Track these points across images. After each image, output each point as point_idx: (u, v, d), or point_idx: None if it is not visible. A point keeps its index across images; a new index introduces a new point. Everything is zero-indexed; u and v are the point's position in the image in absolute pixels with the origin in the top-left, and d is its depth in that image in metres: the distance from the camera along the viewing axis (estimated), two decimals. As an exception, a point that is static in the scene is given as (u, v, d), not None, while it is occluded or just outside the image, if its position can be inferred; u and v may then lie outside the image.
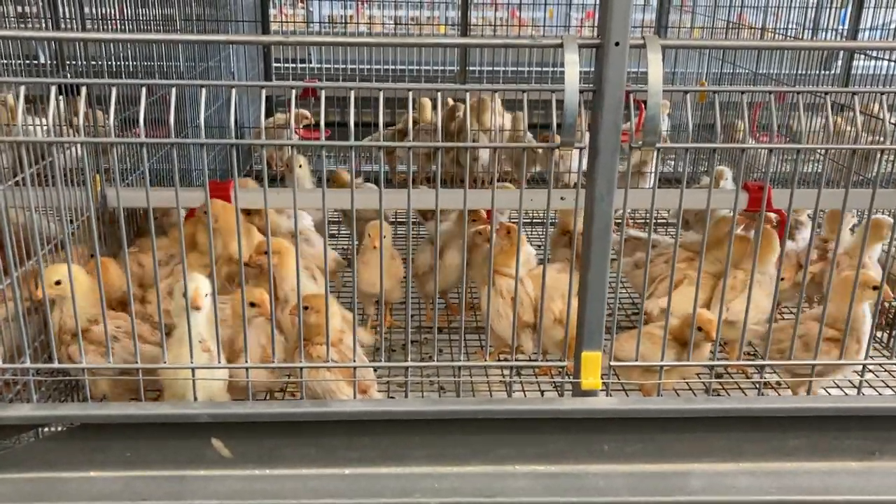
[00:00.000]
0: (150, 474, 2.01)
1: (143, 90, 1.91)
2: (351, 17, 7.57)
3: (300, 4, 7.31)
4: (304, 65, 6.55)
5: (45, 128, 1.87)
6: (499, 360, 3.07)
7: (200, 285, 2.15)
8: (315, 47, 6.53)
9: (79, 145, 2.03)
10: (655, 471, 2.12)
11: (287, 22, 6.68)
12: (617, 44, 1.81)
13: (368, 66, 6.26)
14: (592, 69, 1.92)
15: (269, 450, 2.05)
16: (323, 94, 2.12)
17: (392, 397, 2.67)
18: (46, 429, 2.07)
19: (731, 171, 4.18)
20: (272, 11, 6.05)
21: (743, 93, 2.03)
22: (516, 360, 2.23)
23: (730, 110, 4.64)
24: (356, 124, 1.95)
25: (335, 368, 2.34)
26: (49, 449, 2.04)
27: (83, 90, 1.90)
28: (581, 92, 1.81)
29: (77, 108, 1.91)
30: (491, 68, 6.36)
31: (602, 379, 2.09)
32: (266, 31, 5.88)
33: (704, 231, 2.14)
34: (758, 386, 2.29)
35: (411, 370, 2.19)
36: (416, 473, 2.07)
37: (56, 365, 2.15)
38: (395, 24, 7.23)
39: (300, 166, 4.06)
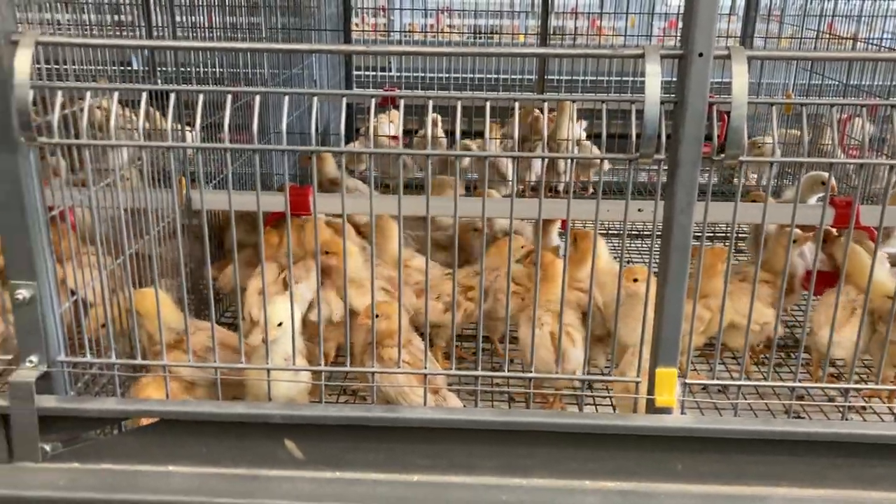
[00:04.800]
0: (225, 472, 2.05)
1: (229, 97, 1.97)
2: (431, 25, 7.65)
3: (381, 13, 7.41)
4: (383, 73, 6.64)
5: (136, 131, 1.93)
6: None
7: (273, 315, 2.20)
8: (395, 56, 6.62)
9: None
10: (731, 493, 2.05)
11: (367, 31, 6.78)
12: (701, 54, 1.77)
13: (447, 75, 6.31)
14: (674, 79, 1.88)
15: (339, 453, 2.08)
16: (402, 103, 2.15)
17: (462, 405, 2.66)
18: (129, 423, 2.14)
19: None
20: (354, 20, 6.16)
21: (832, 106, 1.96)
22: (589, 373, 2.20)
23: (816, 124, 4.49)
24: (449, 133, 1.96)
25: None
26: (131, 442, 2.11)
27: (172, 96, 1.97)
28: (662, 103, 1.78)
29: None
30: (570, 77, 6.32)
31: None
32: (347, 40, 5.99)
33: (787, 251, 2.07)
34: (842, 410, 2.20)
35: (481, 379, 2.19)
36: (484, 484, 2.06)
37: (138, 361, 2.22)
38: (475, 33, 7.27)
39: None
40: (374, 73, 6.63)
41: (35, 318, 2.03)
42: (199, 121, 1.94)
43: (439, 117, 4.80)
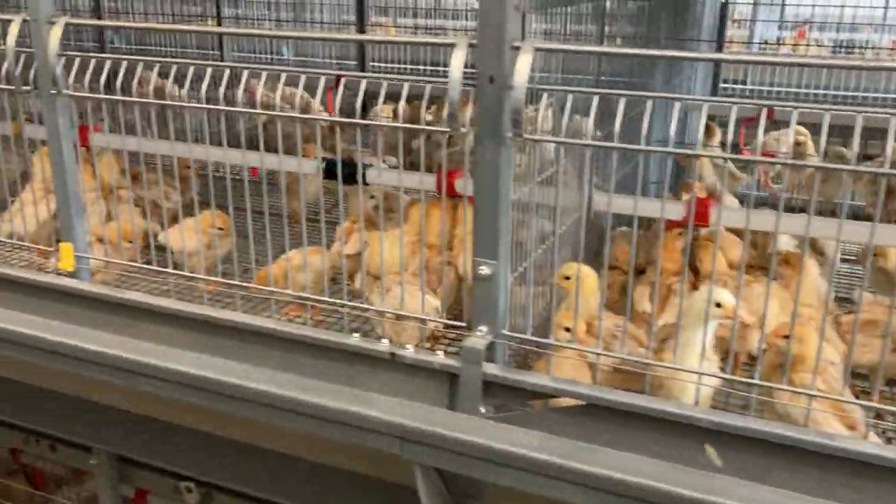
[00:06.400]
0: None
1: (621, 101, 2.11)
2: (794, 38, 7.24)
3: (739, 25, 7.15)
4: (742, 86, 6.42)
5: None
6: None
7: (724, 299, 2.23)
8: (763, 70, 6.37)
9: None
10: None
11: (732, 42, 6.57)
12: None
13: (815, 91, 5.94)
14: None
15: (762, 468, 2.07)
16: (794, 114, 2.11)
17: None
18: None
19: None
20: (729, 32, 6.03)
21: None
22: None
23: None
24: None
25: (819, 398, 2.29)
26: (556, 419, 2.29)
27: (569, 97, 2.14)
28: None
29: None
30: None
31: None
32: (720, 50, 5.88)
33: None
34: None
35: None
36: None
37: (564, 344, 2.39)
38: (841, 47, 6.75)
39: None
40: (739, 85, 6.43)
41: (491, 294, 2.28)
42: (591, 123, 2.10)
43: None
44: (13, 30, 2.62)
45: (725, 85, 6.26)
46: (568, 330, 2.33)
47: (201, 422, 2.80)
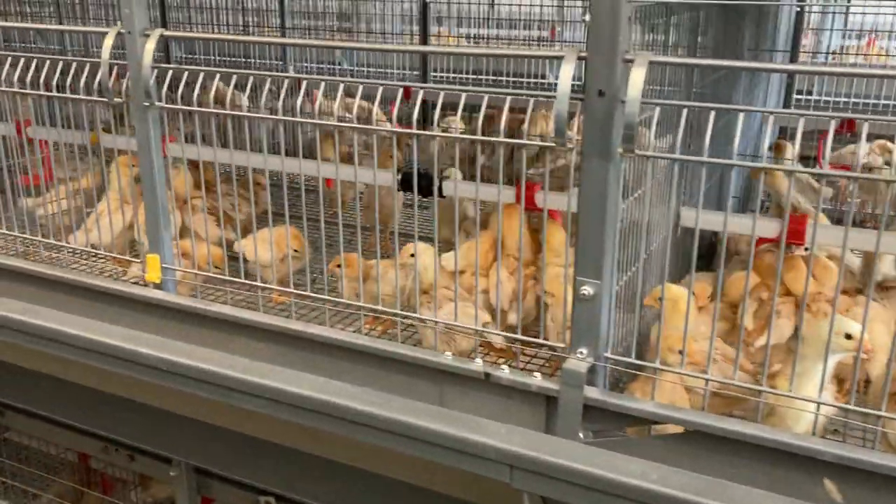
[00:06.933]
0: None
1: (712, 113, 2.04)
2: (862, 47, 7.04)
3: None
4: (809, 97, 6.25)
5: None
6: None
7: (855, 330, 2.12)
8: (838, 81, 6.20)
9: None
10: None
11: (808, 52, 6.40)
12: None
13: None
14: None
15: (885, 505, 1.96)
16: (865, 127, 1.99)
17: None
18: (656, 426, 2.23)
19: None
20: (804, 42, 5.87)
21: None
22: None
23: None
24: None
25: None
26: (657, 447, 2.20)
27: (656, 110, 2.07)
28: None
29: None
30: None
31: None
32: (794, 61, 5.73)
33: None
34: None
35: None
36: None
37: (673, 369, 2.30)
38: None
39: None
40: (808, 96, 6.27)
41: (593, 315, 2.20)
42: (680, 136, 2.03)
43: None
44: (107, 42, 2.63)
45: (799, 96, 6.11)
46: (679, 352, 2.23)
47: (285, 436, 2.77)
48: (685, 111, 2.08)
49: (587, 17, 2.02)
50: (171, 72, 2.68)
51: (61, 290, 3.04)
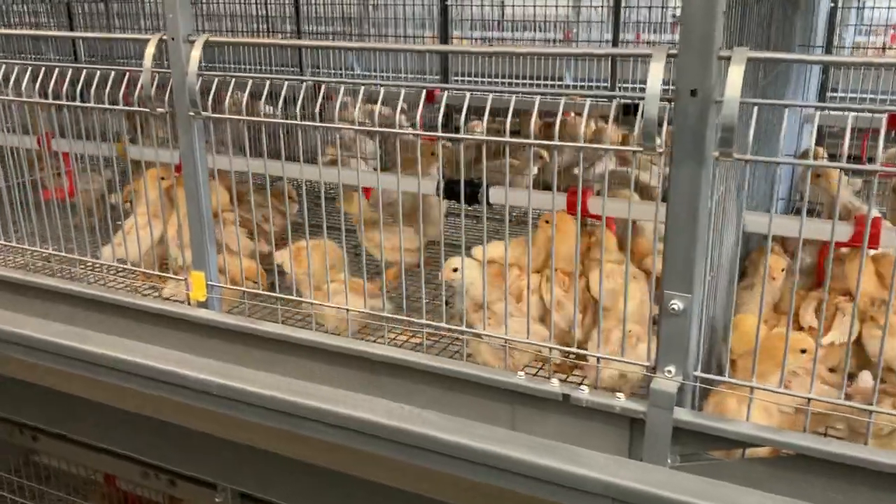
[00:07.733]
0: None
1: (786, 111, 1.93)
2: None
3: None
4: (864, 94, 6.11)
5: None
6: None
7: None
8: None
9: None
10: None
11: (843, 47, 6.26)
12: None
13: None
14: None
15: None
16: None
17: None
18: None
19: None
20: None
21: None
22: None
23: None
24: None
25: None
26: (750, 471, 2.05)
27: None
28: None
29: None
30: None
31: None
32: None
33: None
34: None
35: None
36: None
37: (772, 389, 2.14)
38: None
39: None
40: (841, 94, 6.13)
41: (682, 331, 2.05)
42: (751, 135, 1.87)
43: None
44: (149, 50, 2.49)
45: (833, 94, 5.96)
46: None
47: (342, 462, 2.62)
48: (755, 109, 1.94)
49: (677, 13, 1.88)
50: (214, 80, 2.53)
51: (95, 308, 2.91)
